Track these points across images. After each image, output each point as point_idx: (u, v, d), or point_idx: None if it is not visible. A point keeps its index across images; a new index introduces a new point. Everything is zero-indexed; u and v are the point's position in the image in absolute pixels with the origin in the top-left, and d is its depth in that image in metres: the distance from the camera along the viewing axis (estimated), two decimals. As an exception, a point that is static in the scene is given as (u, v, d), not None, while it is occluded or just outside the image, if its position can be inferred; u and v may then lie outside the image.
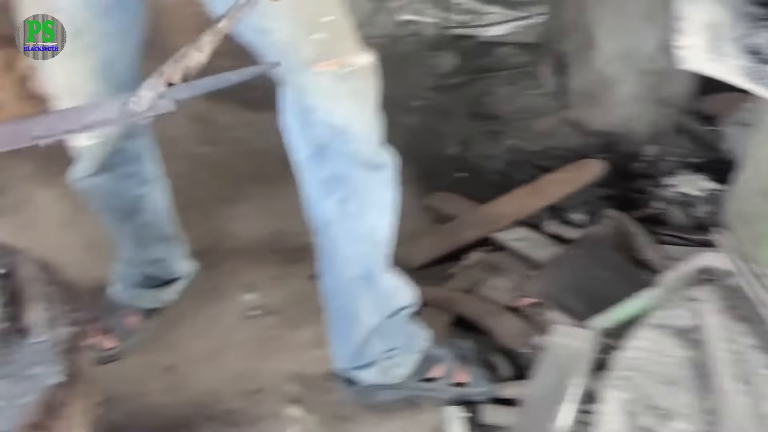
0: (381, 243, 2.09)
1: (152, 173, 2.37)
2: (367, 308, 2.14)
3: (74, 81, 1.99)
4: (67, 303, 1.58)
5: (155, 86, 1.41)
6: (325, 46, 1.85)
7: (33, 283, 1.55)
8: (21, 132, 1.37)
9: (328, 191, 2.01)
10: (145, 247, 2.47)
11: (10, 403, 1.38)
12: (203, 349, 2.53)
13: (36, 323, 1.49)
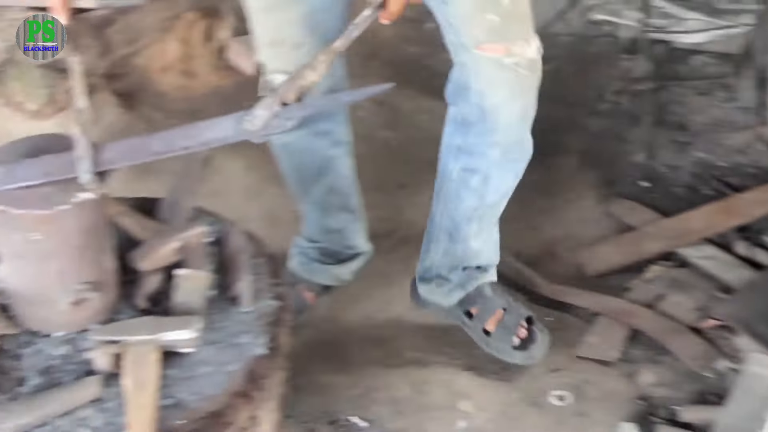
0: (490, 215, 2.28)
1: (344, 135, 2.40)
2: (450, 247, 2.33)
3: (281, 30, 2.06)
4: (272, 276, 1.61)
5: (270, 106, 1.44)
6: (496, 29, 1.87)
7: (242, 253, 1.57)
8: (141, 147, 1.43)
9: (456, 157, 2.16)
10: (327, 215, 2.49)
11: (217, 369, 1.41)
12: (372, 333, 2.53)
13: (244, 293, 1.52)
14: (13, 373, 1.38)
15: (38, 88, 3.09)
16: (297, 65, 2.02)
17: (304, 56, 2.02)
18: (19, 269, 1.38)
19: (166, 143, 1.45)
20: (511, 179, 2.24)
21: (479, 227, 2.30)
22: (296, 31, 2.06)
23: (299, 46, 2.06)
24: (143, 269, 1.49)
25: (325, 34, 2.03)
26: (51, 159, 1.38)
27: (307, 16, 2.04)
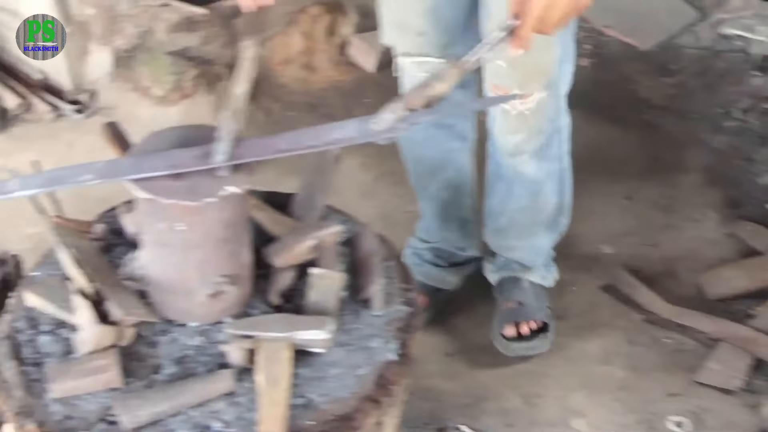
0: (518, 219, 2.37)
1: (467, 131, 2.40)
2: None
3: (406, 16, 2.10)
4: (403, 281, 1.59)
5: (396, 110, 1.44)
6: (501, 73, 2.00)
7: (374, 256, 1.56)
8: (268, 145, 1.43)
9: (490, 157, 2.33)
10: (443, 212, 2.50)
11: (348, 371, 1.40)
12: (482, 341, 2.49)
13: (376, 297, 1.50)
14: (149, 360, 1.39)
15: (166, 74, 3.15)
16: (420, 50, 2.13)
17: (427, 44, 2.11)
18: (161, 258, 1.40)
19: (293, 142, 1.45)
20: (529, 200, 2.30)
21: (508, 226, 2.38)
22: (419, 21, 2.09)
23: (422, 34, 2.11)
24: (277, 265, 1.49)
25: (448, 27, 2.08)
26: (179, 152, 1.38)
27: (431, 9, 2.07)
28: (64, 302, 1.44)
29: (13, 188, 1.34)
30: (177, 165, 1.35)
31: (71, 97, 3.36)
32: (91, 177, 1.35)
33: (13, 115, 3.33)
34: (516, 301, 2.46)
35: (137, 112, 3.27)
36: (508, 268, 2.51)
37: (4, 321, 1.47)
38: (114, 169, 1.35)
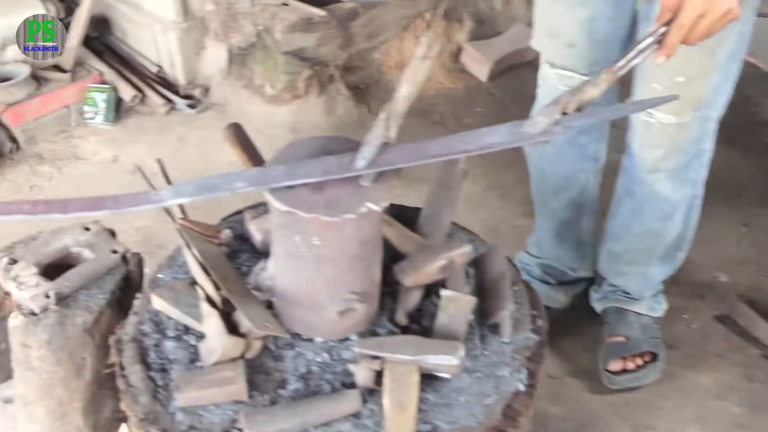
0: (637, 246, 2.31)
1: (598, 153, 2.34)
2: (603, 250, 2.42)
3: (559, 25, 2.06)
4: (532, 306, 1.53)
5: (551, 113, 1.40)
6: (651, 95, 1.93)
7: (503, 279, 1.51)
8: (419, 150, 1.38)
9: (623, 174, 2.26)
10: (560, 231, 2.45)
11: (475, 399, 1.36)
12: (590, 365, 2.42)
13: (505, 323, 1.45)
14: (274, 374, 1.37)
15: (280, 74, 3.15)
16: (566, 62, 2.08)
17: (574, 57, 2.06)
18: (292, 270, 1.37)
19: (445, 147, 1.41)
20: (656, 222, 2.22)
21: (624, 251, 2.31)
22: (572, 32, 2.04)
23: (572, 46, 2.05)
24: (406, 284, 1.45)
25: (601, 41, 2.02)
26: (331, 159, 1.36)
27: (587, 21, 2.00)
28: (191, 308, 1.43)
29: (166, 196, 1.33)
30: (330, 171, 1.32)
31: (184, 92, 3.40)
32: (243, 185, 1.32)
33: (128, 107, 3.38)
34: (622, 336, 2.39)
35: (248, 109, 3.28)
36: (614, 298, 2.44)
37: (131, 323, 1.47)
38: (266, 177, 1.32)
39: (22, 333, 1.62)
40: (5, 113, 3.12)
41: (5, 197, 2.99)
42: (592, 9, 1.98)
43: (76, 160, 3.18)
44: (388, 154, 1.36)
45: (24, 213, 1.30)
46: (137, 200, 1.34)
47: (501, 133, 1.42)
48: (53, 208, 1.32)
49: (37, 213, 1.30)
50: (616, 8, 1.98)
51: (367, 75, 3.38)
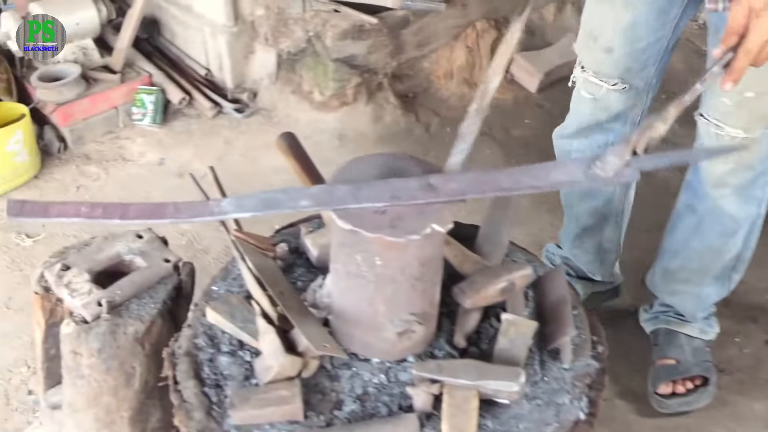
0: (695, 263, 2.25)
1: None
2: (657, 269, 2.36)
3: (600, 27, 2.04)
4: (592, 332, 1.50)
5: (621, 153, 1.35)
6: (723, 110, 1.92)
7: (564, 303, 1.47)
8: (488, 182, 1.35)
9: (685, 189, 2.21)
10: (581, 236, 2.44)
11: (535, 427, 1.32)
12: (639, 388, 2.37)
13: (566, 349, 1.42)
14: (330, 395, 1.35)
15: (329, 80, 3.13)
16: (599, 68, 2.07)
17: (611, 63, 2.04)
18: (351, 289, 1.34)
19: (514, 180, 1.37)
20: (717, 238, 2.16)
21: (678, 270, 2.26)
22: (612, 35, 2.02)
23: (609, 51, 2.04)
24: (466, 306, 1.42)
25: (639, 51, 2.02)
26: (399, 183, 1.32)
27: (629, 27, 1.99)
28: (246, 323, 1.41)
29: (228, 209, 1.30)
30: (399, 196, 1.29)
31: (232, 96, 3.40)
32: (308, 203, 1.28)
33: (175, 109, 3.38)
34: (672, 359, 2.34)
35: (296, 115, 3.27)
36: (665, 320, 2.40)
37: (185, 336, 1.45)
38: (332, 198, 1.29)
39: (74, 341, 1.61)
40: (55, 113, 3.14)
41: (52, 197, 3.00)
42: (636, 14, 1.97)
43: (122, 161, 3.18)
44: (456, 183, 1.33)
45: (82, 216, 1.27)
46: (198, 211, 1.31)
47: (571, 171, 1.39)
48: (112, 213, 1.28)
49: (95, 217, 1.27)
50: (659, 17, 1.97)
51: (415, 84, 3.35)
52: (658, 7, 1.96)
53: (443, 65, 3.35)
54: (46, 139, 3.18)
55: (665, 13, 1.97)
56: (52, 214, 1.26)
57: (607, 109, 2.14)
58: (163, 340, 1.67)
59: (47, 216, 1.25)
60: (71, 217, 1.27)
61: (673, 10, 1.97)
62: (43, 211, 1.26)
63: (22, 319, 2.53)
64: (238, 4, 3.25)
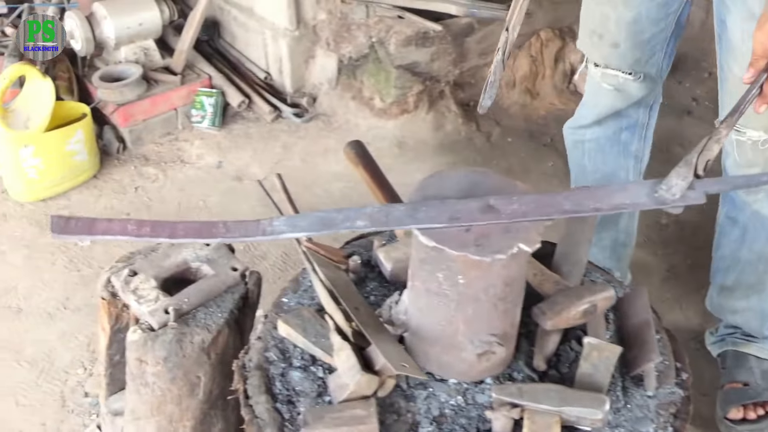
0: (750, 276, 2.17)
1: (639, 151, 2.32)
2: (713, 292, 2.29)
3: (604, 25, 2.05)
4: (676, 358, 1.44)
5: (685, 176, 1.32)
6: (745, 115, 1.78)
7: (647, 327, 1.42)
8: (551, 204, 1.31)
9: (723, 202, 2.17)
10: (600, 230, 2.38)
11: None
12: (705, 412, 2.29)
13: (650, 376, 1.36)
14: (406, 415, 1.31)
15: (391, 87, 3.09)
16: (610, 62, 2.08)
17: (618, 57, 2.06)
18: (431, 308, 1.30)
19: (576, 203, 1.32)
20: (765, 245, 2.10)
21: (735, 285, 2.20)
22: (617, 32, 2.03)
23: (615, 46, 2.05)
24: (547, 328, 1.37)
25: (645, 42, 2.03)
26: (459, 203, 1.28)
27: (633, 22, 2.00)
28: (319, 337, 1.37)
29: (280, 229, 1.25)
30: (457, 218, 1.25)
31: (291, 100, 3.38)
32: (364, 224, 1.24)
33: (234, 112, 3.37)
34: (741, 382, 2.26)
35: (355, 121, 3.24)
36: (731, 342, 2.32)
37: (255, 349, 1.42)
38: (389, 218, 1.25)
39: (140, 348, 1.58)
40: (115, 113, 3.14)
41: (110, 197, 3.00)
42: (638, 11, 1.98)
43: (180, 163, 3.17)
44: (517, 205, 1.28)
45: (129, 234, 1.24)
46: (249, 230, 1.27)
47: (635, 193, 1.35)
48: (160, 232, 1.25)
49: (142, 235, 1.24)
50: (660, 10, 1.99)
51: (477, 92, 3.28)
52: (658, 2, 1.98)
53: (506, 74, 3.30)
54: (106, 140, 3.18)
55: (666, 6, 1.99)
56: (97, 232, 1.22)
57: (628, 98, 2.16)
58: (229, 351, 1.65)
59: (92, 234, 1.22)
60: (117, 235, 1.23)
61: (674, 4, 1.99)
62: (88, 229, 1.23)
63: (79, 320, 2.53)
64: (300, 8, 3.23)
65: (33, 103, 2.84)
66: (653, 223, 2.87)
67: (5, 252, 2.78)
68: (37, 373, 2.37)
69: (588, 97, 2.27)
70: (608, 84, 2.13)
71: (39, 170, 2.89)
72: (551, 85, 3.36)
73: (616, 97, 2.16)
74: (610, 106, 2.19)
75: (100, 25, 3.17)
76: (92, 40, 3.16)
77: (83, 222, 1.23)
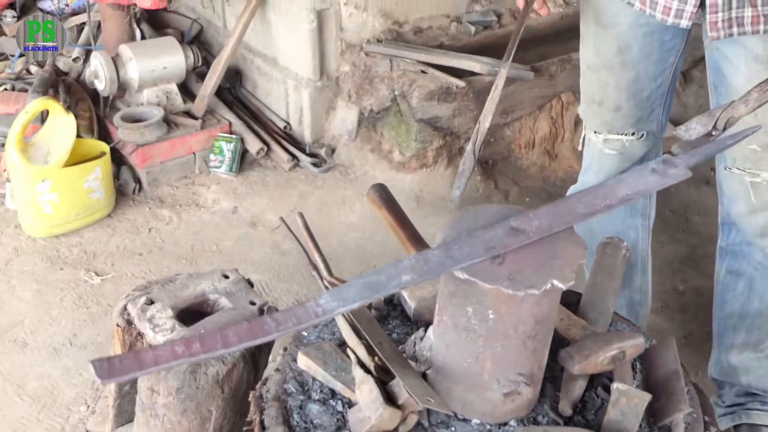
0: (760, 329, 2.12)
1: (646, 209, 2.29)
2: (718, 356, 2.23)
3: (604, 91, 2.07)
4: (703, 410, 1.40)
5: (705, 124, 1.36)
6: (750, 158, 1.91)
7: (676, 377, 1.38)
8: (566, 212, 1.29)
9: (721, 258, 2.14)
10: None
11: None
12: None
13: (678, 427, 1.32)
14: (427, 454, 1.26)
15: (411, 140, 3.10)
16: (612, 127, 2.10)
17: (621, 119, 2.08)
18: (458, 344, 1.27)
19: (588, 204, 1.30)
20: None
21: (746, 340, 2.13)
22: (617, 95, 2.05)
23: (618, 109, 2.07)
24: (574, 372, 1.33)
25: (645, 100, 2.05)
26: (486, 234, 1.25)
27: (632, 83, 2.02)
28: (340, 371, 1.34)
29: (332, 307, 1.15)
30: (492, 247, 1.22)
31: (310, 150, 3.38)
32: (410, 278, 1.19)
33: (252, 160, 3.37)
34: None
35: (373, 173, 3.24)
36: (744, 414, 2.23)
37: (273, 380, 1.38)
38: (430, 265, 1.20)
39: (153, 377, 1.55)
40: (134, 154, 3.14)
41: (123, 236, 2.98)
42: (636, 70, 2.00)
43: (195, 206, 3.16)
44: (538, 221, 1.26)
45: (180, 357, 1.10)
46: (301, 317, 1.16)
47: (637, 180, 1.35)
48: (213, 345, 1.12)
49: (195, 354, 1.10)
50: (657, 66, 2.01)
51: (496, 151, 3.30)
52: (655, 59, 2.00)
53: (525, 134, 3.30)
54: (122, 180, 3.17)
55: (663, 62, 2.01)
56: (147, 365, 1.08)
57: (632, 158, 2.16)
58: (242, 386, 1.62)
59: (144, 368, 1.08)
60: (170, 361, 1.10)
61: (670, 58, 2.01)
62: (136, 365, 1.08)
63: (85, 357, 2.49)
64: (324, 60, 3.25)
65: (54, 138, 2.85)
66: (670, 289, 2.84)
67: (15, 286, 2.75)
68: (39, 408, 2.33)
69: (590, 162, 2.26)
70: (611, 149, 2.14)
71: (54, 205, 2.87)
72: (570, 147, 3.37)
73: (621, 160, 2.17)
74: (615, 169, 2.18)
75: (125, 66, 3.20)
76: (116, 81, 3.18)
77: (127, 358, 1.10)
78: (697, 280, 2.85)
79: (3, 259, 2.86)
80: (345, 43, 3.23)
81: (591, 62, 2.08)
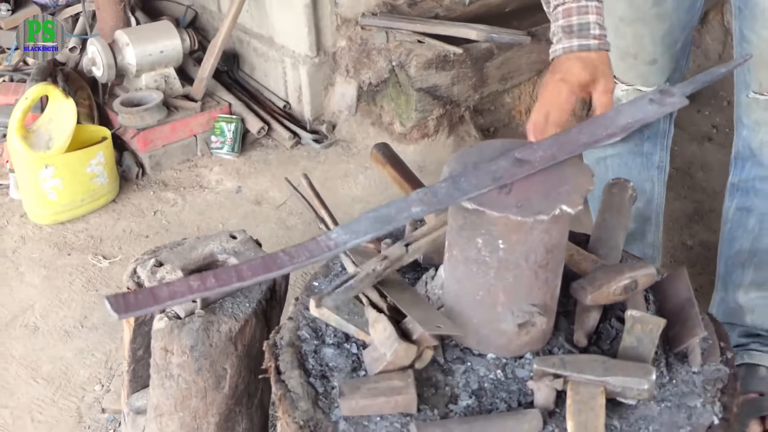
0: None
1: (663, 161, 2.29)
2: (723, 296, 2.21)
3: (639, 44, 2.04)
4: (719, 338, 1.40)
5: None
6: None
7: (690, 304, 1.38)
8: (569, 141, 1.33)
9: (731, 195, 2.12)
10: (628, 246, 2.30)
11: (667, 430, 1.22)
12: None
13: (695, 352, 1.32)
14: (444, 389, 1.27)
15: (411, 110, 3.09)
16: (647, 80, 2.07)
17: (656, 71, 2.06)
18: (469, 277, 1.27)
19: (591, 134, 1.34)
20: None
21: (754, 278, 2.12)
22: (653, 48, 2.03)
23: (653, 63, 2.05)
24: (587, 303, 1.33)
25: (678, 51, 2.05)
26: (492, 166, 1.25)
27: (667, 33, 2.01)
28: (353, 315, 1.34)
29: (344, 239, 1.17)
30: (499, 177, 1.23)
31: (311, 127, 3.38)
32: (420, 209, 1.19)
33: (253, 139, 3.37)
34: (756, 392, 2.16)
35: (375, 147, 3.22)
36: (745, 355, 2.21)
37: (287, 328, 1.38)
38: (438, 197, 1.21)
39: (166, 337, 1.55)
40: (135, 138, 3.14)
41: (129, 220, 2.98)
42: (670, 21, 1.99)
43: (199, 188, 3.16)
44: (542, 151, 1.28)
45: (196, 291, 1.12)
46: (313, 251, 1.17)
47: (636, 109, 1.40)
48: (228, 279, 1.14)
49: (210, 288, 1.13)
50: (688, 12, 2.00)
51: (496, 118, 3.30)
52: (687, 6, 1.99)
53: (525, 101, 3.30)
54: (125, 165, 3.17)
55: (692, 8, 2.01)
56: (162, 299, 1.10)
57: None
58: (256, 343, 1.62)
59: (159, 303, 1.10)
60: (186, 295, 1.12)
61: (698, 2, 2.01)
62: (152, 299, 1.10)
63: (96, 338, 2.49)
64: (321, 36, 3.25)
65: (55, 124, 2.85)
66: (679, 244, 2.83)
67: (23, 273, 2.75)
68: (53, 390, 2.33)
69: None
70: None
71: (59, 192, 2.87)
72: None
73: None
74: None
75: (122, 52, 3.19)
76: (114, 67, 3.17)
77: (142, 293, 1.11)
78: (704, 235, 2.85)
79: (10, 247, 2.86)
80: (340, 17, 3.23)
81: (624, 15, 2.03)
